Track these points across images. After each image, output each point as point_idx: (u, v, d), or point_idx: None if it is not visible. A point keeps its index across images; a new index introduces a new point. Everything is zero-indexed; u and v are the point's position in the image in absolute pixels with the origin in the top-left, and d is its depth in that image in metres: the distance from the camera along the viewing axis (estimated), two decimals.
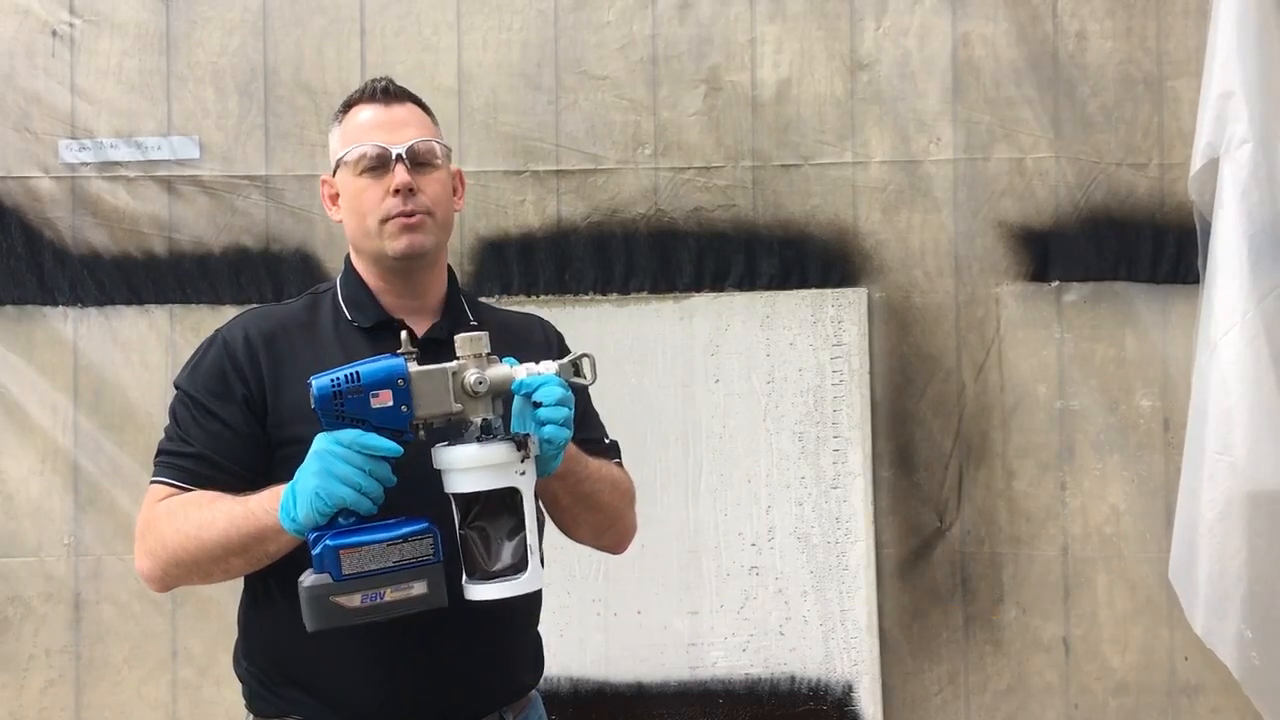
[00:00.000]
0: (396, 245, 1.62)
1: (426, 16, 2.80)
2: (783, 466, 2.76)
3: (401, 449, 1.40)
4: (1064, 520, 2.77)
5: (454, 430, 1.46)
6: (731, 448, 2.76)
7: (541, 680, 1.78)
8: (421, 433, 1.44)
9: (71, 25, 2.78)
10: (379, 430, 1.40)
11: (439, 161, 1.67)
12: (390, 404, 1.40)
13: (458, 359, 1.45)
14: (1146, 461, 2.76)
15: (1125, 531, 2.76)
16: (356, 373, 1.40)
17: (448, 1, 2.80)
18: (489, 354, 1.46)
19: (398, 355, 1.43)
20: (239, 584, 1.68)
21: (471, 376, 1.43)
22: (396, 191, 1.61)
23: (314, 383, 1.40)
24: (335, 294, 1.70)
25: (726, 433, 2.77)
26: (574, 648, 2.72)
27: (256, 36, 2.79)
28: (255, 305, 2.04)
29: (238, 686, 1.69)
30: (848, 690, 2.72)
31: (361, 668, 1.58)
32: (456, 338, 1.46)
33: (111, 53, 2.78)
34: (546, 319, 1.85)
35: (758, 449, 2.76)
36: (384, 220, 1.62)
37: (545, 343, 1.78)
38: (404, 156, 1.62)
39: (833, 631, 2.73)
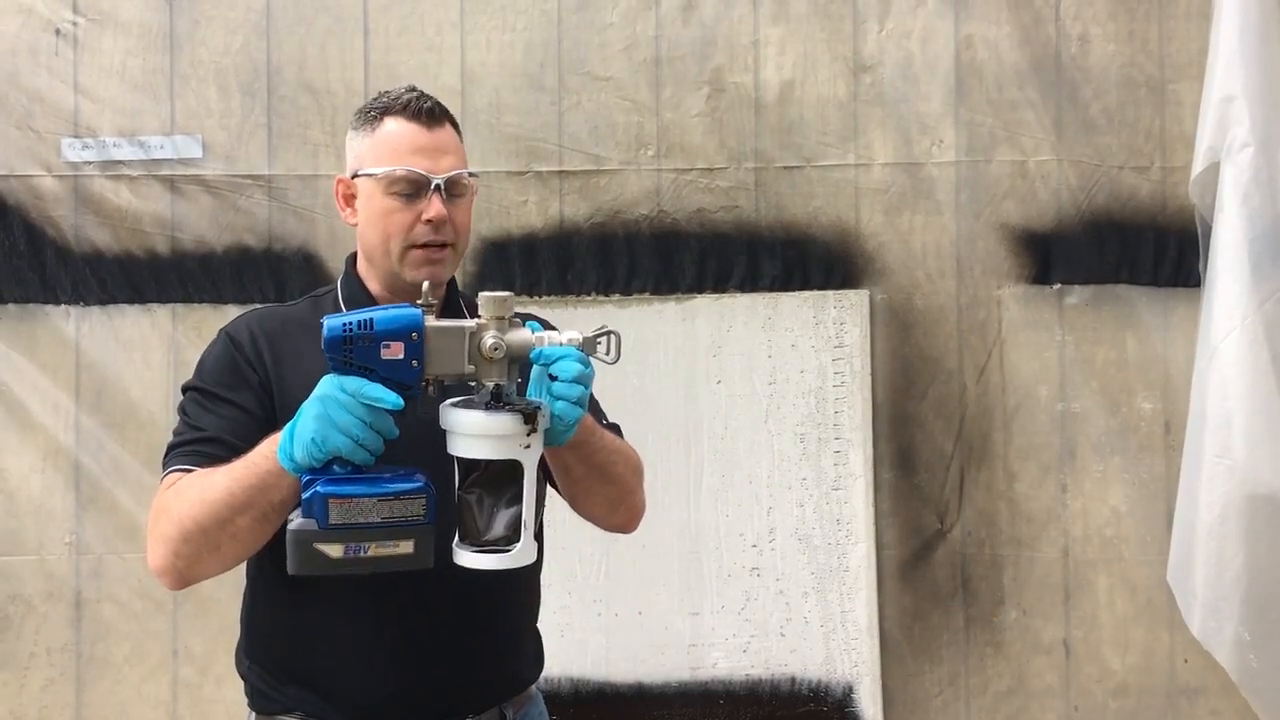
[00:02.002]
0: (416, 275, 1.58)
1: (430, 16, 2.80)
2: (784, 468, 2.76)
3: (404, 403, 1.35)
4: (1065, 522, 2.77)
5: (467, 387, 1.40)
6: (733, 449, 2.77)
7: (542, 680, 1.78)
8: (431, 389, 1.39)
9: (75, 24, 2.78)
10: (385, 381, 1.34)
11: (468, 187, 1.64)
12: (401, 357, 1.34)
13: (478, 318, 1.39)
14: (1147, 464, 2.76)
15: (1126, 534, 2.76)
16: (370, 320, 1.34)
17: (451, 1, 2.80)
18: (512, 317, 1.40)
19: (415, 306, 1.37)
20: (240, 583, 1.68)
21: (489, 340, 1.36)
22: (429, 221, 1.58)
23: (325, 322, 1.36)
24: (336, 296, 1.69)
25: (728, 434, 2.77)
26: (575, 648, 2.72)
27: (260, 36, 2.79)
28: (257, 306, 2.04)
29: (238, 685, 1.69)
30: (848, 691, 2.72)
31: (363, 663, 1.58)
32: (480, 296, 1.40)
33: (115, 51, 2.78)
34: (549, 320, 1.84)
35: (759, 450, 2.76)
36: (409, 247, 1.59)
37: None
38: (441, 187, 1.59)
39: (833, 633, 2.73)
